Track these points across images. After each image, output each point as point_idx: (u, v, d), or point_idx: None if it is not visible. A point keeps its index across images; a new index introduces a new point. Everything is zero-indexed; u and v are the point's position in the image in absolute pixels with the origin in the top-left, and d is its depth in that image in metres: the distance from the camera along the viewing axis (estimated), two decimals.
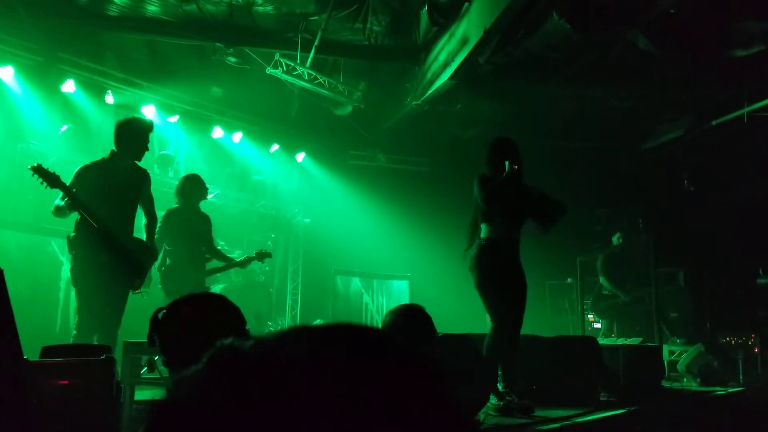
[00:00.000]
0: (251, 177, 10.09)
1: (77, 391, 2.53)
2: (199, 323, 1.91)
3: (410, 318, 3.18)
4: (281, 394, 0.50)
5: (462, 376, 3.54)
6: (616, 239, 8.62)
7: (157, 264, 5.48)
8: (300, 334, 0.56)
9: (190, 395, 0.53)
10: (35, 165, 4.31)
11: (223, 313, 1.98)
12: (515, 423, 3.69)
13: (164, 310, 2.01)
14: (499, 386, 4.15)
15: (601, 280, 8.47)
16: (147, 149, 4.97)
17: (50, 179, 4.29)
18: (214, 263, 6.27)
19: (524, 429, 3.53)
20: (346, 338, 0.57)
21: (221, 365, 0.54)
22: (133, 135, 4.85)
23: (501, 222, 4.44)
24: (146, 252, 4.90)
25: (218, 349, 0.56)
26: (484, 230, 4.47)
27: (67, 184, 4.43)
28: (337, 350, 0.55)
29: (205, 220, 6.13)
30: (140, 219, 5.08)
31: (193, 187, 6.06)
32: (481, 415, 3.80)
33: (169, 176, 8.98)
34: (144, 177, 5.05)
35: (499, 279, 4.36)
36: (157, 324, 1.97)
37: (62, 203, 4.45)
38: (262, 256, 6.44)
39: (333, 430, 0.49)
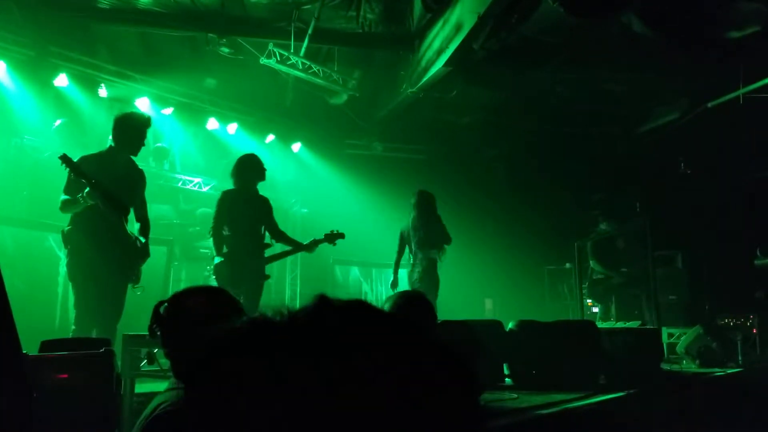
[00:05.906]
0: None
1: (77, 384, 2.54)
2: (201, 315, 1.91)
3: (410, 304, 3.17)
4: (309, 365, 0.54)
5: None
6: (604, 226, 8.66)
7: (209, 253, 5.33)
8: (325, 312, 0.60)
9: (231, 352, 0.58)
10: (62, 155, 4.34)
11: (224, 306, 1.98)
12: (516, 408, 3.70)
13: (166, 303, 2.03)
14: None
15: (592, 264, 8.52)
16: (144, 144, 4.96)
17: (76, 169, 4.34)
18: (277, 248, 5.80)
19: (525, 413, 3.54)
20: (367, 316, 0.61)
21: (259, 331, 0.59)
22: (130, 129, 4.85)
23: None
24: (141, 248, 4.88)
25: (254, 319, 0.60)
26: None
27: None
28: (360, 327, 0.58)
29: (264, 203, 5.66)
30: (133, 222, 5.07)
31: (244, 167, 5.56)
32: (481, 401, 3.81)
33: (165, 169, 8.97)
34: (140, 175, 5.05)
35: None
36: (159, 316, 1.98)
37: (69, 197, 4.45)
38: (332, 237, 5.89)
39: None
